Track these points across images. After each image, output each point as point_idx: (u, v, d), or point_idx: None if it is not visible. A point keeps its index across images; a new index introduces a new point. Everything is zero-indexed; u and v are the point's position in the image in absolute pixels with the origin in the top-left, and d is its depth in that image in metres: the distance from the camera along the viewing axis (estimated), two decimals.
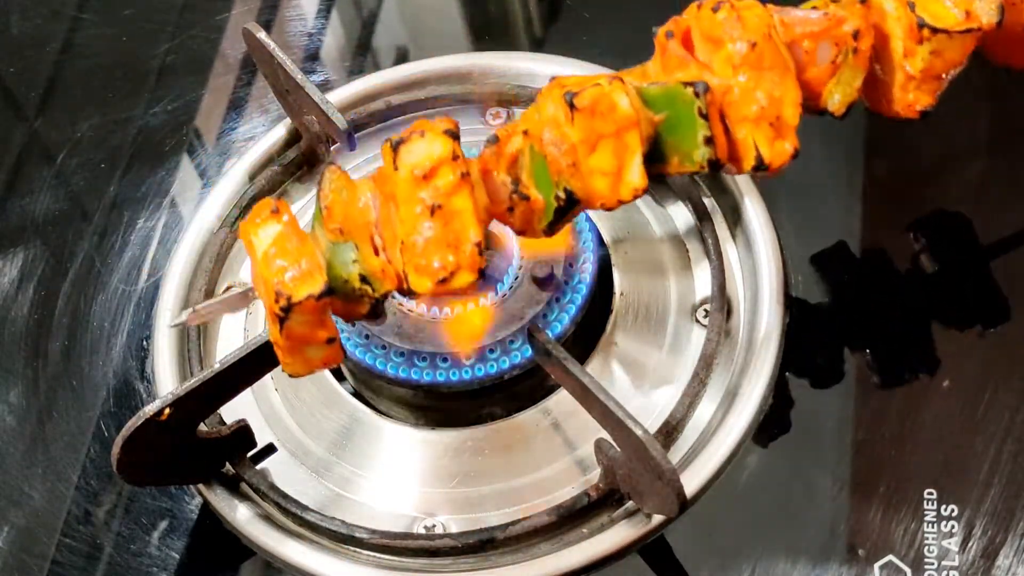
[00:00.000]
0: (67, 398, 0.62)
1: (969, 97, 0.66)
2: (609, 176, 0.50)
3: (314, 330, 0.49)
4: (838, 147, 0.65)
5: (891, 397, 0.56)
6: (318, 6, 0.77)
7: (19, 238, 0.69)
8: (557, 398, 0.58)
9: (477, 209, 0.49)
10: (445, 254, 0.48)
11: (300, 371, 0.50)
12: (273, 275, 0.48)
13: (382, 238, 0.49)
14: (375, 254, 0.49)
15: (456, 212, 0.48)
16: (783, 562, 0.53)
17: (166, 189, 0.69)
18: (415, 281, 0.48)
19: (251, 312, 0.63)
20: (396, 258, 0.49)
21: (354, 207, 0.50)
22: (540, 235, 0.51)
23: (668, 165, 0.51)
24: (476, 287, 0.49)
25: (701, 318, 0.60)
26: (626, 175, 0.50)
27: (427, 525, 0.56)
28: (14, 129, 0.74)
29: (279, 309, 0.48)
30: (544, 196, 0.50)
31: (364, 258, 0.49)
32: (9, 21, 0.79)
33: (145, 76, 0.74)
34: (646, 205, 0.64)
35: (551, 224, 0.51)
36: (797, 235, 0.61)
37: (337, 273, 0.49)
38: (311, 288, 0.48)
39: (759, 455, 0.55)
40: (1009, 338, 0.58)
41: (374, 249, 0.49)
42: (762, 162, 0.51)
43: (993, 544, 0.52)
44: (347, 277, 0.49)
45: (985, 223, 0.61)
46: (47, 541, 0.58)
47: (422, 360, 0.57)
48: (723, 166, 0.51)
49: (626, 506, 0.54)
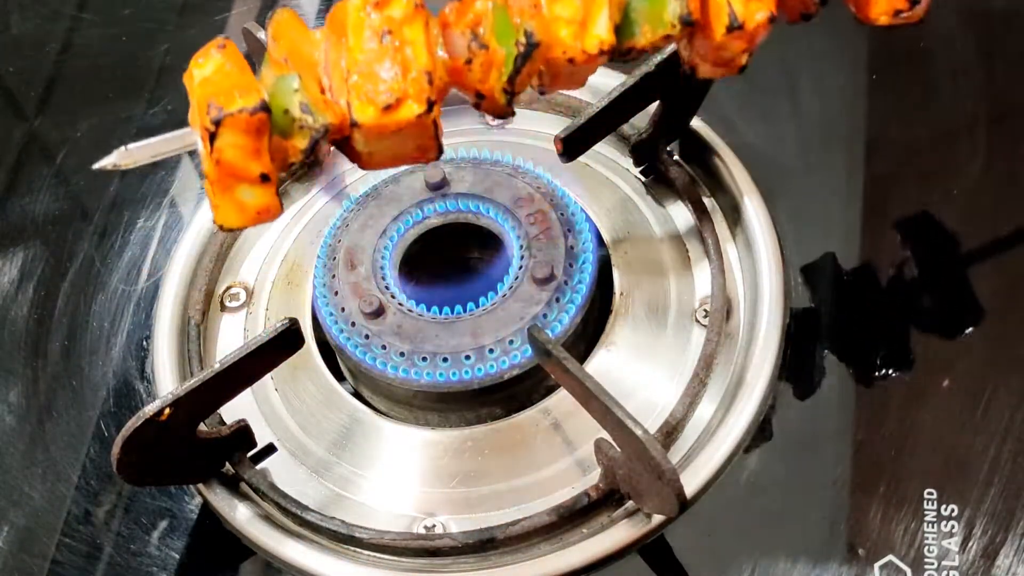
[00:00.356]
0: (67, 398, 0.62)
1: (969, 97, 0.66)
2: (574, 24, 0.47)
3: (247, 159, 0.46)
4: (838, 147, 0.65)
5: (891, 397, 0.56)
6: (318, 6, 0.77)
7: (19, 238, 0.69)
8: (557, 398, 0.58)
9: (430, 43, 0.46)
10: (392, 80, 0.46)
11: (232, 219, 0.47)
12: (209, 94, 0.45)
13: (329, 78, 0.47)
14: (320, 92, 0.47)
15: (408, 41, 0.46)
16: (783, 562, 0.53)
17: (166, 189, 0.69)
18: (359, 109, 0.46)
19: (250, 313, 0.63)
20: (342, 92, 0.46)
21: (303, 42, 0.47)
22: (500, 101, 0.48)
23: (640, 36, 0.49)
24: (427, 139, 0.47)
25: (701, 318, 0.60)
26: (592, 26, 0.48)
27: (427, 525, 0.56)
28: (14, 129, 0.74)
29: (210, 122, 0.45)
30: (504, 46, 0.47)
31: (307, 88, 0.47)
32: (9, 21, 0.79)
33: (145, 76, 0.74)
34: (646, 205, 0.64)
35: (511, 78, 0.48)
36: (797, 235, 0.61)
37: (278, 102, 0.46)
38: (245, 102, 0.45)
39: (759, 455, 0.55)
40: (1009, 338, 0.58)
41: (320, 88, 0.47)
42: (735, 20, 0.49)
43: (993, 544, 0.52)
44: (287, 106, 0.46)
45: (985, 223, 0.61)
46: (47, 541, 0.58)
47: (422, 360, 0.57)
48: (696, 24, 0.49)
49: (626, 506, 0.54)
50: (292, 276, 0.64)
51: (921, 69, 0.67)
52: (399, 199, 0.61)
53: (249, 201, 0.47)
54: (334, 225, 0.62)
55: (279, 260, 0.65)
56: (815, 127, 0.66)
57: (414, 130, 0.47)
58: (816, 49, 0.65)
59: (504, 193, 0.61)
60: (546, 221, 0.59)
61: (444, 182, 0.61)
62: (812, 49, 0.64)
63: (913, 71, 0.67)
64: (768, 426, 0.56)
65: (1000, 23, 0.68)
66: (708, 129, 0.64)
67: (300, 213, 0.67)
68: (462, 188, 0.61)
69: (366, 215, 0.61)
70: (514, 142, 0.66)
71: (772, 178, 0.62)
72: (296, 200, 0.67)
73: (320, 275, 0.60)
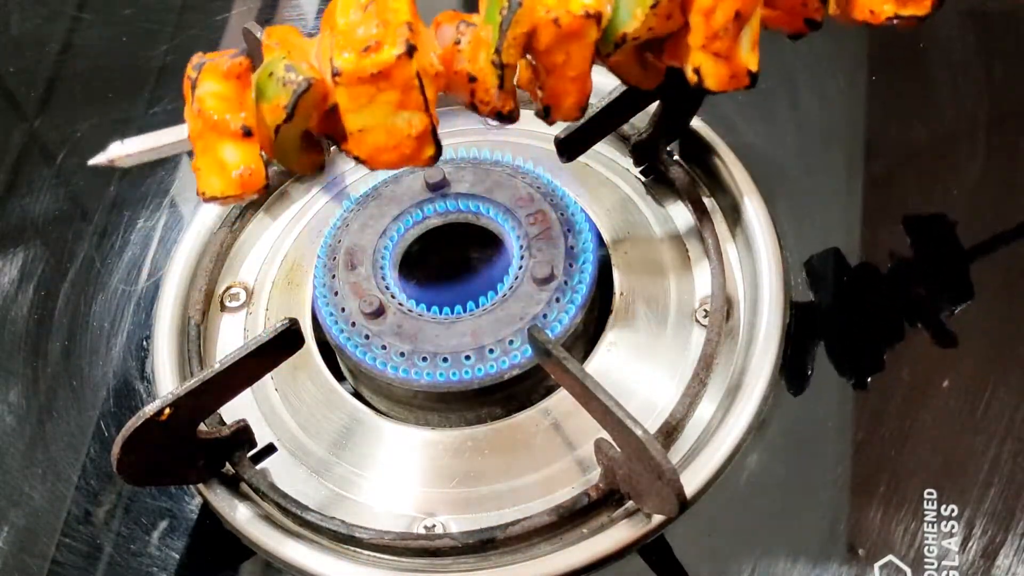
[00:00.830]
0: (67, 398, 0.62)
1: (969, 97, 0.66)
2: None
3: (228, 109, 0.45)
4: (838, 147, 0.65)
5: (891, 397, 0.56)
6: (318, 6, 0.77)
7: (19, 238, 0.69)
8: (557, 398, 0.58)
9: (413, 7, 0.46)
10: (372, 26, 0.46)
11: (214, 184, 0.47)
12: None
13: (319, 60, 0.47)
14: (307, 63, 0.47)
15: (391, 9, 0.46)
16: (783, 562, 0.53)
17: (166, 189, 0.69)
18: (339, 59, 0.46)
19: (250, 313, 0.63)
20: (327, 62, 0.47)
21: (296, 37, 0.48)
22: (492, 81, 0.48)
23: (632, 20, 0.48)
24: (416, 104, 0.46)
25: (701, 318, 0.60)
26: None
27: (427, 525, 0.56)
28: (14, 129, 0.74)
29: (192, 69, 0.45)
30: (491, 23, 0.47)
31: (292, 57, 0.47)
32: (9, 21, 0.79)
33: (145, 76, 0.74)
34: (646, 205, 0.64)
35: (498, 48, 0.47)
36: (797, 235, 0.61)
37: (264, 71, 0.46)
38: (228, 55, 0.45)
39: (759, 455, 0.55)
40: (1009, 338, 0.58)
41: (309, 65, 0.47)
42: None
43: (993, 544, 0.52)
44: (272, 69, 0.46)
45: (985, 223, 0.61)
46: (47, 541, 0.58)
47: (422, 360, 0.57)
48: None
49: (626, 506, 0.54)
50: (292, 276, 0.64)
51: (921, 69, 0.67)
52: (399, 199, 0.61)
53: (231, 160, 0.46)
54: (334, 225, 0.62)
55: (279, 260, 0.65)
56: (815, 127, 0.66)
57: (399, 84, 0.46)
58: (816, 50, 0.65)
59: (504, 193, 0.61)
60: (546, 221, 0.59)
61: (444, 182, 0.61)
62: (812, 50, 0.63)
63: (913, 71, 0.67)
64: (768, 426, 0.56)
65: (1000, 23, 0.68)
66: (708, 129, 0.64)
67: (300, 213, 0.67)
68: (462, 188, 0.61)
69: (366, 215, 0.61)
70: (514, 142, 0.66)
71: (772, 178, 0.62)
72: (296, 200, 0.67)
73: (320, 275, 0.60)
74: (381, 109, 0.47)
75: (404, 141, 0.48)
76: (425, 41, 0.47)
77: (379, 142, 0.48)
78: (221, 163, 0.46)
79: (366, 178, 0.66)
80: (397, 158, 0.49)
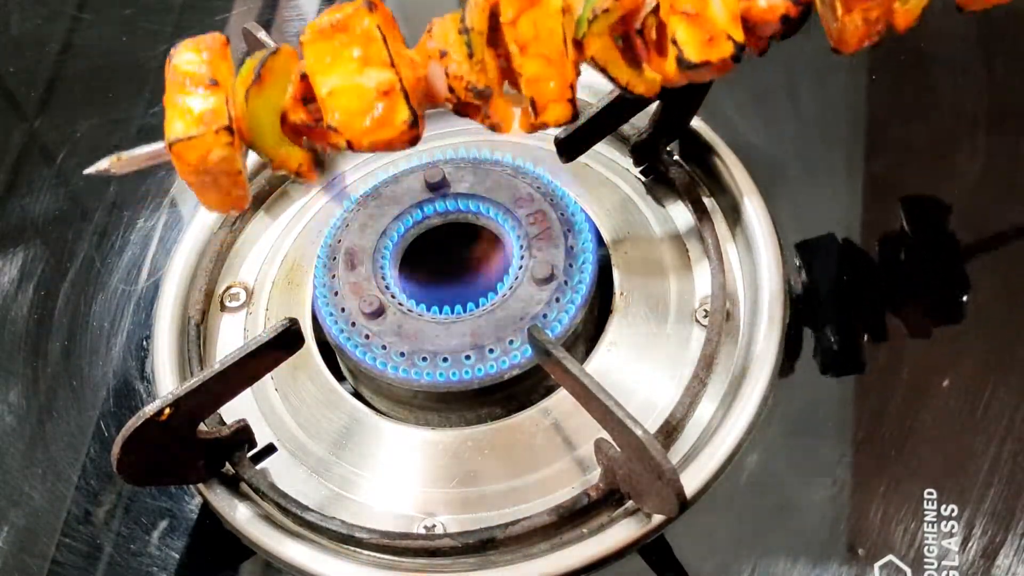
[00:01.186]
0: (67, 398, 0.62)
1: (969, 97, 0.66)
2: None
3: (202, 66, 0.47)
4: (838, 147, 0.65)
5: (891, 397, 0.56)
6: (318, 6, 0.77)
7: (19, 238, 0.69)
8: (557, 398, 0.58)
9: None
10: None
11: (177, 128, 0.47)
12: None
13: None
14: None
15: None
16: (783, 562, 0.53)
17: (166, 189, 0.69)
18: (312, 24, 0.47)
19: (250, 314, 0.63)
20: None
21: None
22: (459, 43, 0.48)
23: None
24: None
25: (701, 318, 0.60)
26: None
27: (427, 525, 0.56)
28: (14, 129, 0.74)
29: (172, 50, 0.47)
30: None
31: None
32: (9, 21, 0.79)
33: (145, 76, 0.74)
34: (646, 205, 0.64)
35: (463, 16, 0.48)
36: (797, 235, 0.61)
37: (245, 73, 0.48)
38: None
39: (759, 455, 0.55)
40: (1009, 338, 0.58)
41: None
42: None
43: (993, 544, 0.52)
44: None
45: (984, 222, 0.61)
46: (47, 541, 0.58)
47: (422, 360, 0.57)
48: None
49: (626, 506, 0.54)
50: (292, 276, 0.64)
51: (921, 69, 0.67)
52: (399, 199, 0.61)
53: (197, 107, 0.47)
54: (334, 225, 0.62)
55: (279, 260, 0.65)
56: (815, 127, 0.66)
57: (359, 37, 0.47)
58: (816, 49, 0.65)
59: (504, 193, 0.61)
60: (546, 221, 0.59)
61: (444, 182, 0.61)
62: (812, 49, 0.63)
63: (913, 71, 0.67)
64: (768, 426, 0.56)
65: (1000, 23, 0.68)
66: (708, 129, 0.64)
67: (300, 213, 0.67)
68: (462, 188, 0.61)
69: (366, 215, 0.61)
70: (514, 142, 0.66)
71: (772, 178, 0.62)
72: (296, 200, 0.67)
73: (320, 275, 0.60)
74: (345, 66, 0.48)
75: (372, 101, 0.48)
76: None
77: (350, 105, 0.48)
78: (187, 109, 0.47)
79: (366, 178, 0.66)
80: (373, 125, 0.48)
